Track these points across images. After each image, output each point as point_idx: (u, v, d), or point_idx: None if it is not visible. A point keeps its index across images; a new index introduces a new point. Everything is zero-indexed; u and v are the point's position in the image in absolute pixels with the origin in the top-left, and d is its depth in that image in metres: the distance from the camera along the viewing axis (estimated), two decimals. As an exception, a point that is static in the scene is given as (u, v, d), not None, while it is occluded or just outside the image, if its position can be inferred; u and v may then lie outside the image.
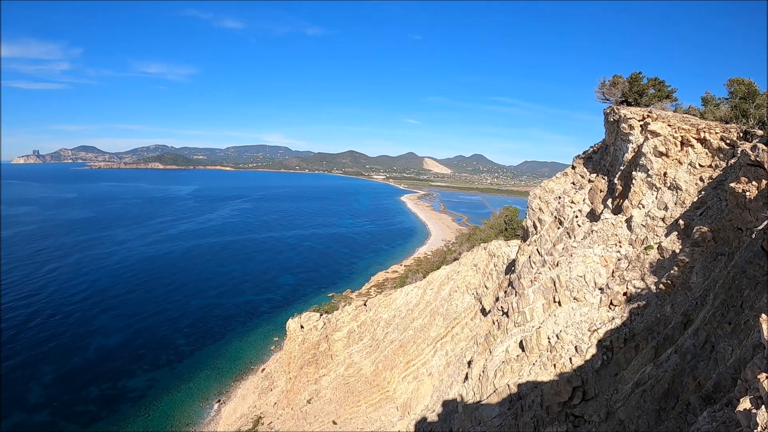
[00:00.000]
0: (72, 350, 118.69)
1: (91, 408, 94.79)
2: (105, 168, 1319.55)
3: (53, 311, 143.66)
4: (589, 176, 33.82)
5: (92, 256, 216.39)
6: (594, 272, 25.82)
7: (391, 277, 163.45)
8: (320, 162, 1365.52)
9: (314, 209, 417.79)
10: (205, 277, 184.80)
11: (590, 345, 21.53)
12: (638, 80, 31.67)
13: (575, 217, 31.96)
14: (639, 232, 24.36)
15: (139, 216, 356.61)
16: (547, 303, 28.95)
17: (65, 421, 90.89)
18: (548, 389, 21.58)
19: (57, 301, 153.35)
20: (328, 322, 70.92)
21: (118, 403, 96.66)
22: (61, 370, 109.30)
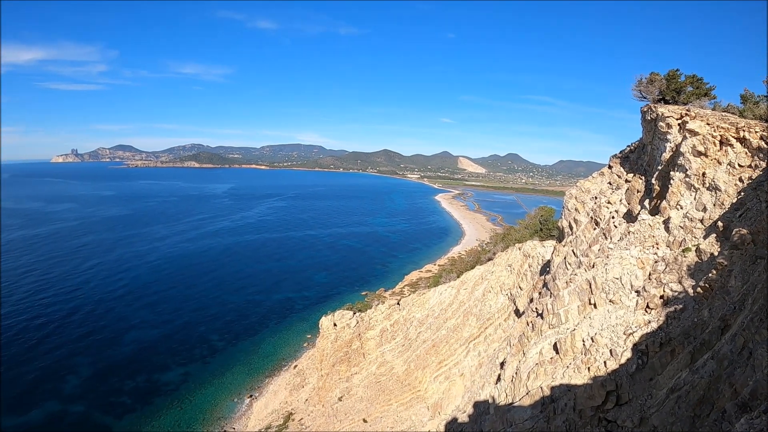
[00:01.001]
0: (109, 344, 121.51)
1: (125, 400, 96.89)
2: (142, 166, 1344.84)
3: (92, 306, 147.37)
4: (626, 176, 33.21)
5: (131, 253, 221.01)
6: (630, 274, 25.34)
7: (424, 276, 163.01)
8: (355, 161, 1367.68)
9: (349, 208, 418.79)
10: (240, 274, 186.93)
11: (625, 349, 21.14)
12: (676, 78, 30.93)
13: (612, 218, 31.42)
14: (677, 233, 23.83)
15: (176, 213, 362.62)
16: (583, 305, 28.50)
17: (100, 412, 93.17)
18: (582, 393, 21.27)
19: (96, 295, 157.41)
20: (361, 320, 71.14)
21: (152, 396, 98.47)
22: (98, 363, 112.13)
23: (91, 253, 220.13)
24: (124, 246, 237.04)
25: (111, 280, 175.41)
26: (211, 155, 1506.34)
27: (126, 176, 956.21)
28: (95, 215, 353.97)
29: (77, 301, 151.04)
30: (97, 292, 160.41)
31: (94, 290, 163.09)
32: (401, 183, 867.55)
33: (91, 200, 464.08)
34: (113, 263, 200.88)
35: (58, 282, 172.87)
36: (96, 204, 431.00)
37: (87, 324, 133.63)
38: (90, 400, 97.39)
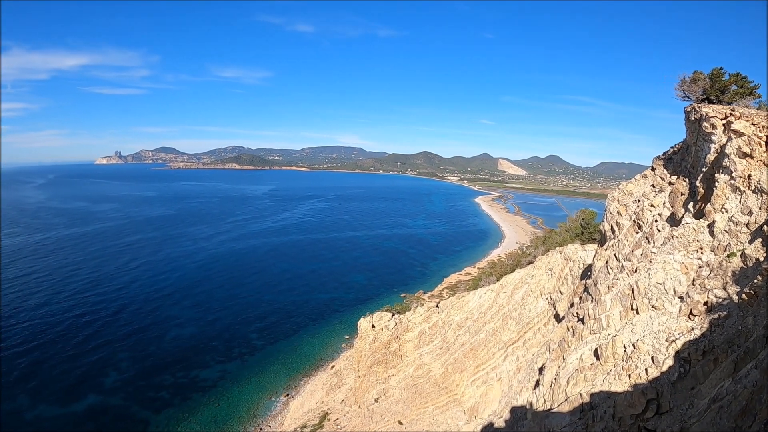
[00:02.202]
0: (151, 340, 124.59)
1: (163, 394, 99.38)
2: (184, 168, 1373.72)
3: (136, 303, 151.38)
4: (669, 178, 32.40)
5: (174, 252, 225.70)
6: (674, 280, 24.72)
7: (463, 279, 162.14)
8: (394, 163, 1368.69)
9: (388, 210, 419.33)
10: (281, 275, 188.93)
11: (667, 356, 20.62)
12: (719, 76, 30.01)
13: (655, 222, 30.70)
14: (721, 238, 23.13)
15: (218, 214, 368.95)
16: (624, 310, 27.92)
17: (138, 405, 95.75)
18: (622, 400, 20.82)
19: (140, 293, 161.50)
20: (399, 322, 71.05)
21: (189, 391, 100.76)
22: (139, 359, 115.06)
23: (135, 252, 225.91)
24: (167, 245, 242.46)
25: (155, 279, 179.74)
26: (251, 157, 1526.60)
27: (168, 177, 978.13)
28: (139, 215, 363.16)
29: (121, 298, 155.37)
30: (142, 290, 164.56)
31: (139, 288, 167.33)
32: (441, 185, 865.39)
33: (134, 200, 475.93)
34: (157, 262, 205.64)
35: (104, 280, 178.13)
36: (139, 204, 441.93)
37: (130, 321, 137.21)
38: (130, 394, 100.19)
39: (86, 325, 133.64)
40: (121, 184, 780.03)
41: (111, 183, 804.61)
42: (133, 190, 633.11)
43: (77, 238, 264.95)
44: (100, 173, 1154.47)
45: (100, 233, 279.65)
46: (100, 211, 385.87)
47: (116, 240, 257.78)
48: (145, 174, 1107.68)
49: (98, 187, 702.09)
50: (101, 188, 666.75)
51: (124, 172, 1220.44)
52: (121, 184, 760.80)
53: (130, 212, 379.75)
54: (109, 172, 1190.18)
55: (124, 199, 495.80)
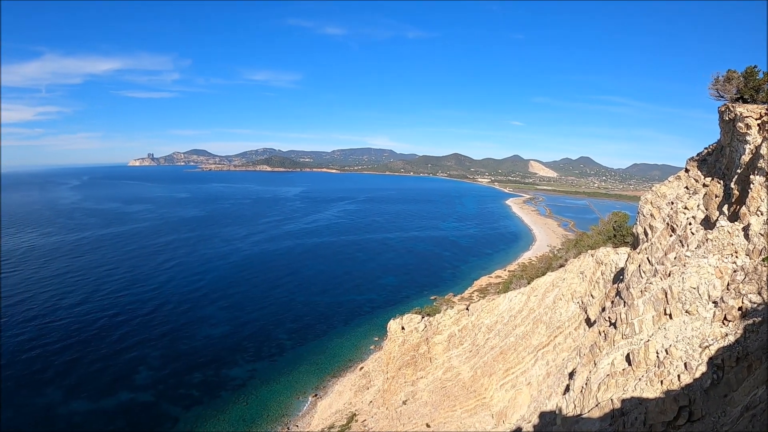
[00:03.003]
0: (180, 337, 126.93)
1: (193, 392, 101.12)
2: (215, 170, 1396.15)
3: (166, 300, 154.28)
4: (703, 180, 31.70)
5: (206, 252, 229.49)
6: (708, 284, 24.17)
7: (494, 281, 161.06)
8: (425, 165, 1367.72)
9: (419, 212, 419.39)
10: (311, 275, 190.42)
11: (700, 362, 20.17)
12: (754, 75, 29.20)
13: (689, 225, 30.07)
14: (757, 241, 22.55)
15: (249, 215, 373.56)
16: (657, 315, 27.39)
17: (168, 402, 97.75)
18: (653, 407, 20.44)
19: (170, 291, 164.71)
20: (429, 324, 70.79)
21: (219, 389, 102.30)
22: (168, 355, 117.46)
23: (168, 252, 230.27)
24: (201, 246, 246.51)
25: (188, 279, 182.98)
26: (282, 159, 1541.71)
27: (200, 179, 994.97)
28: (172, 216, 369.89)
29: (155, 297, 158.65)
30: (175, 290, 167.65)
31: (172, 288, 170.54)
32: (471, 187, 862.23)
33: (167, 202, 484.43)
34: (191, 262, 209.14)
35: (138, 280, 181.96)
36: (172, 205, 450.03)
37: (163, 320, 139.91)
38: (161, 392, 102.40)
39: (120, 323, 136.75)
40: (154, 185, 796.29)
41: (144, 184, 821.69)
42: (165, 191, 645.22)
43: (112, 238, 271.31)
44: (134, 175, 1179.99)
45: (134, 234, 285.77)
46: (133, 212, 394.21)
47: (150, 240, 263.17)
48: (178, 176, 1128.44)
49: (131, 188, 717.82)
50: (134, 189, 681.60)
51: (156, 173, 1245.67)
52: (154, 186, 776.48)
53: (163, 213, 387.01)
54: (142, 174, 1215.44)
55: (157, 200, 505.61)
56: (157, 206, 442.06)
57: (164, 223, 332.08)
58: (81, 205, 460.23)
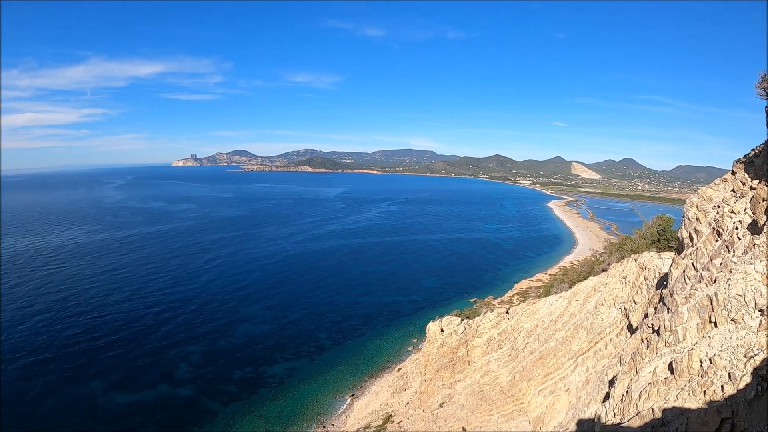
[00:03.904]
0: (222, 335, 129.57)
1: (231, 388, 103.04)
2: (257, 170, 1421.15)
3: (208, 298, 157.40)
4: (750, 183, 30.59)
5: (246, 251, 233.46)
6: (754, 291, 23.32)
7: (534, 285, 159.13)
8: (466, 166, 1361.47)
9: (460, 213, 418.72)
10: (351, 276, 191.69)
11: (745, 373, 19.44)
12: (804, 72, 28.03)
13: (735, 229, 29.08)
14: (808, 248, 21.68)
15: (290, 215, 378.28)
16: (702, 323, 26.56)
17: (207, 397, 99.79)
18: (695, 418, 19.79)
19: (213, 290, 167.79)
20: (468, 327, 70.24)
21: (257, 386, 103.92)
22: (209, 352, 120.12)
23: (211, 251, 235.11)
24: (243, 245, 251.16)
25: (230, 277, 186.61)
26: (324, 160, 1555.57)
27: (242, 179, 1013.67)
28: (215, 215, 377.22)
29: (198, 294, 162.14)
30: (217, 288, 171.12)
31: (214, 285, 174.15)
32: (513, 189, 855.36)
33: (210, 201, 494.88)
34: (233, 261, 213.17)
35: (178, 275, 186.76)
36: (215, 205, 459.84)
37: (203, 315, 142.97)
38: (200, 386, 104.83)
39: (164, 321, 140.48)
40: (198, 185, 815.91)
41: (187, 184, 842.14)
42: (209, 191, 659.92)
43: (157, 236, 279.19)
44: (177, 175, 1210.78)
45: (179, 232, 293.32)
46: (177, 211, 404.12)
47: (194, 239, 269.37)
48: (220, 176, 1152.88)
49: (175, 188, 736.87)
50: (178, 189, 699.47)
51: (199, 174, 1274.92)
52: (198, 186, 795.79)
53: (207, 212, 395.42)
54: (186, 174, 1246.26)
55: (200, 199, 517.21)
56: (200, 205, 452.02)
57: (209, 222, 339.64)
58: (126, 204, 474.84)
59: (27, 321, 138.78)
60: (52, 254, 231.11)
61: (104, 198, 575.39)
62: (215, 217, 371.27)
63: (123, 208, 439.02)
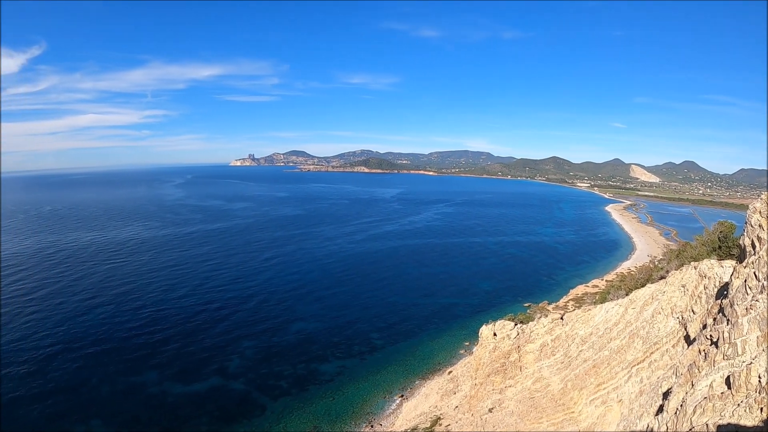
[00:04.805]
0: (276, 331, 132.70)
1: (282, 384, 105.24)
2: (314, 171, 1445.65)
3: (265, 295, 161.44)
4: (819, 193, 29.17)
5: (304, 250, 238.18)
6: (819, 306, 22.29)
7: (590, 291, 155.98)
8: (523, 168, 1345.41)
9: (516, 216, 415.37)
10: (406, 277, 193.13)
11: (805, 391, 18.61)
12: None
13: (800, 239, 27.85)
14: None
15: (347, 215, 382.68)
16: (763, 336, 25.52)
17: (258, 391, 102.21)
18: (750, 436, 19.06)
19: (270, 287, 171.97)
20: (521, 332, 69.38)
21: (307, 383, 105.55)
22: (262, 347, 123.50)
23: (270, 249, 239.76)
24: (299, 243, 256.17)
25: (286, 275, 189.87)
26: (380, 161, 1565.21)
27: (299, 179, 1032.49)
28: (272, 214, 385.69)
29: (254, 291, 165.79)
30: (273, 285, 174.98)
31: (271, 283, 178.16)
32: (570, 192, 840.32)
33: (267, 200, 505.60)
34: (287, 258, 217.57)
35: (237, 272, 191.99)
36: (273, 204, 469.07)
37: (260, 313, 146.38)
38: (251, 380, 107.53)
39: (220, 315, 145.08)
40: (255, 184, 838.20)
41: (245, 183, 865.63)
42: (266, 190, 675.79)
43: (218, 234, 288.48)
44: (235, 174, 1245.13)
45: (238, 230, 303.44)
46: (236, 209, 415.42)
47: (252, 237, 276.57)
48: (277, 176, 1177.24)
49: (233, 187, 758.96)
50: (236, 188, 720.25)
51: (257, 173, 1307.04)
52: (255, 185, 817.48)
53: (265, 211, 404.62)
54: (243, 174, 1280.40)
55: (258, 198, 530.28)
56: (258, 204, 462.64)
57: (267, 220, 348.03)
58: (185, 202, 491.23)
59: (90, 312, 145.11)
60: (114, 249, 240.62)
61: (165, 196, 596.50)
62: (273, 215, 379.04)
63: (183, 206, 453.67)
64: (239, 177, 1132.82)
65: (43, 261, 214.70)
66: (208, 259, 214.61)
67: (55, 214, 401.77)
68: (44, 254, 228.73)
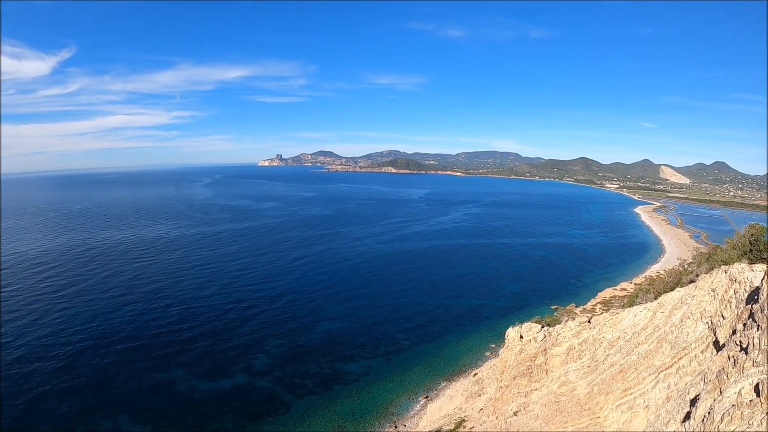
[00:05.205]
0: (301, 330, 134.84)
1: (307, 382, 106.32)
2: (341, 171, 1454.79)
3: (292, 294, 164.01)
4: None
5: (334, 249, 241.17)
6: None
7: (618, 294, 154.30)
8: (551, 169, 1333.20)
9: (544, 217, 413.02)
10: (433, 278, 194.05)
11: (835, 401, 18.40)
12: None
13: (833, 246, 27.40)
14: None
15: (374, 215, 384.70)
16: (793, 343, 25.27)
17: (283, 389, 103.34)
18: (778, 446, 18.88)
19: (297, 286, 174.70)
20: (548, 335, 69.00)
21: (332, 382, 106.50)
22: (288, 346, 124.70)
23: (294, 247, 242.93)
24: (326, 243, 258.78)
25: (313, 274, 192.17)
26: (407, 161, 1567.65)
27: (327, 179, 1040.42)
28: (300, 214, 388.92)
29: (282, 291, 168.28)
30: (300, 284, 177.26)
31: (297, 282, 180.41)
32: (599, 193, 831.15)
33: (295, 200, 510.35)
34: (316, 258, 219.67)
35: (265, 271, 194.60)
36: (300, 203, 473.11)
37: (286, 311, 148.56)
38: (277, 378, 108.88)
39: (248, 314, 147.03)
40: (283, 184, 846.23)
41: (273, 183, 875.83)
42: (294, 190, 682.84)
43: (247, 233, 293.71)
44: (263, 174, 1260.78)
45: (267, 230, 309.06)
46: (264, 209, 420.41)
47: (281, 236, 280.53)
48: (305, 176, 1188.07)
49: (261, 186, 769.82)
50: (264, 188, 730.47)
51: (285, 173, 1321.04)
52: (283, 185, 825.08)
53: (293, 211, 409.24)
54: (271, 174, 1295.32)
55: (285, 198, 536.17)
56: (286, 204, 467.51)
57: (296, 220, 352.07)
58: (214, 201, 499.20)
59: (119, 309, 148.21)
60: (144, 248, 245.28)
61: (193, 195, 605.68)
62: (302, 215, 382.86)
63: (211, 205, 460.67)
64: (267, 177, 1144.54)
65: (75, 258, 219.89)
66: (236, 259, 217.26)
67: (86, 213, 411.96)
68: (75, 252, 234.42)
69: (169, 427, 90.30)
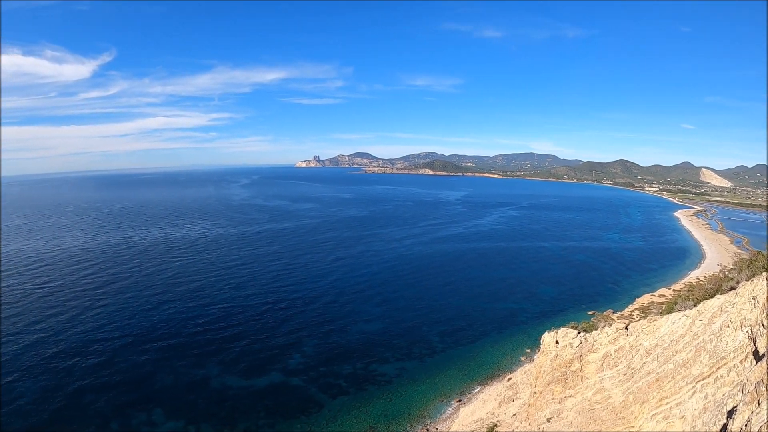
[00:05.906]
0: (336, 331, 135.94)
1: (341, 382, 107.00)
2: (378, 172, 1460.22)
3: (330, 295, 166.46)
4: None
5: (373, 251, 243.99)
6: None
7: (657, 301, 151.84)
8: (589, 171, 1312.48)
9: (583, 221, 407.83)
10: (469, 281, 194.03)
11: None
12: None
13: None
14: None
15: (412, 217, 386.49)
16: (834, 357, 25.01)
17: (316, 388, 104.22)
18: (815, 460, 18.86)
19: (334, 287, 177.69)
20: (584, 341, 68.53)
21: (366, 383, 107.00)
22: (323, 346, 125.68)
23: (333, 248, 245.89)
24: (363, 244, 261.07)
25: (349, 275, 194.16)
26: (444, 163, 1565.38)
27: (364, 181, 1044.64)
28: (338, 215, 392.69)
29: (321, 292, 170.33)
30: (336, 285, 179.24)
31: (334, 282, 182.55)
32: (638, 196, 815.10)
33: (332, 201, 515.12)
34: (355, 260, 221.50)
35: (304, 272, 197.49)
36: (338, 205, 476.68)
37: (324, 312, 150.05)
38: (310, 378, 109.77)
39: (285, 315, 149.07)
40: (320, 185, 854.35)
41: (310, 184, 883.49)
42: (331, 191, 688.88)
43: (283, 233, 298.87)
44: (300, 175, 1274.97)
45: (305, 231, 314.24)
46: (302, 210, 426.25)
47: (319, 237, 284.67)
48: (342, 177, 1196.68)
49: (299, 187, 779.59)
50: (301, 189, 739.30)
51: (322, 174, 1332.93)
52: (320, 186, 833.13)
53: (331, 212, 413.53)
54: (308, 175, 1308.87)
55: (323, 199, 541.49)
56: (323, 205, 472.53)
57: (334, 221, 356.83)
58: (252, 202, 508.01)
59: (159, 307, 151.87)
60: (183, 247, 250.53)
61: (231, 195, 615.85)
62: (340, 216, 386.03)
63: (249, 206, 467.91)
64: (304, 178, 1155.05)
65: (115, 256, 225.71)
66: (275, 259, 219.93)
67: (126, 212, 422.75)
68: (116, 250, 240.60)
69: (203, 423, 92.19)
